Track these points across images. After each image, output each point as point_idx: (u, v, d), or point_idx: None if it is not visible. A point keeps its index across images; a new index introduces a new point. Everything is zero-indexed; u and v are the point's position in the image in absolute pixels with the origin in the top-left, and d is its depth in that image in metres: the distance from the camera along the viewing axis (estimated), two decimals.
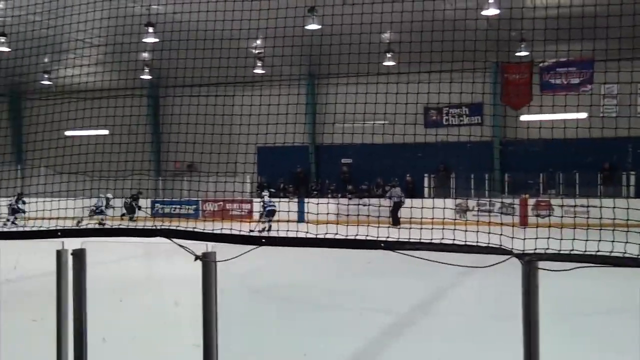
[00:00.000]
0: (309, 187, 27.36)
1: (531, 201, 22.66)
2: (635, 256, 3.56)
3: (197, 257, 3.99)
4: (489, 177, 24.35)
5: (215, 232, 4.56)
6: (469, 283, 10.77)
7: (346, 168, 27.15)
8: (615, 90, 22.20)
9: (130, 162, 7.90)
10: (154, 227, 4.57)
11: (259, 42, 15.71)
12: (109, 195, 24.04)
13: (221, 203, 24.72)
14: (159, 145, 26.90)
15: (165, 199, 25.58)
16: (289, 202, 23.71)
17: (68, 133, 13.12)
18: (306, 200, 24.06)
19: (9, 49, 17.77)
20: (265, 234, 19.36)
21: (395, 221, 21.71)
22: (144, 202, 25.10)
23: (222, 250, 4.10)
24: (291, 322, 8.45)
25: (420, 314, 9.06)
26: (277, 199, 23.54)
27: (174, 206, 25.13)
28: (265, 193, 22.83)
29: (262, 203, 21.99)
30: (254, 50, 19.33)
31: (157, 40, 16.95)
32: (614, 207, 5.97)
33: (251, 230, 15.38)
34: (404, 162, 23.67)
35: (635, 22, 6.09)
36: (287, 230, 5.13)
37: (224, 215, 23.10)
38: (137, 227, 5.03)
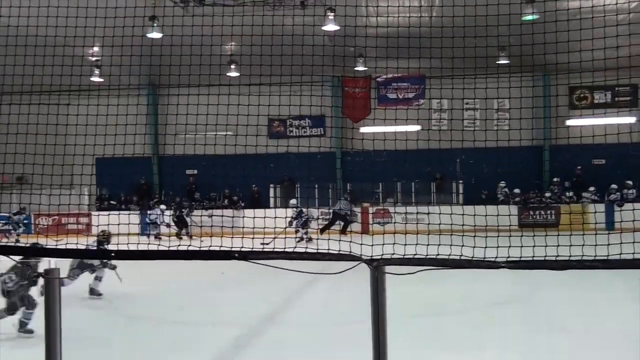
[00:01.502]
0: (152, 199, 26.59)
1: (371, 209, 23.62)
2: (470, 258, 3.86)
3: (39, 275, 3.74)
4: (332, 187, 25.09)
5: (60, 247, 4.30)
6: (316, 291, 10.99)
7: (192, 179, 26.75)
8: (446, 105, 23.85)
9: None
10: None
11: (96, 49, 15.06)
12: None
13: (56, 217, 23.32)
14: None
15: None
16: (129, 214, 22.85)
17: None
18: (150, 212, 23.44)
19: None
20: (304, 244, 18.61)
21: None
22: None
23: (66, 266, 3.88)
24: (139, 339, 8.17)
25: (269, 324, 9.12)
26: (122, 212, 22.61)
27: (1, 222, 23.23)
28: (293, 202, 21.77)
29: (294, 213, 20.78)
30: (90, 58, 18.49)
31: None
32: (453, 214, 6.36)
33: (264, 244, 14.50)
34: (249, 173, 23.73)
35: (465, 43, 6.60)
36: (138, 244, 4.94)
37: (59, 230, 21.83)
38: None
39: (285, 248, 4.08)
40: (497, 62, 17.90)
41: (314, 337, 8.06)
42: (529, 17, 13.32)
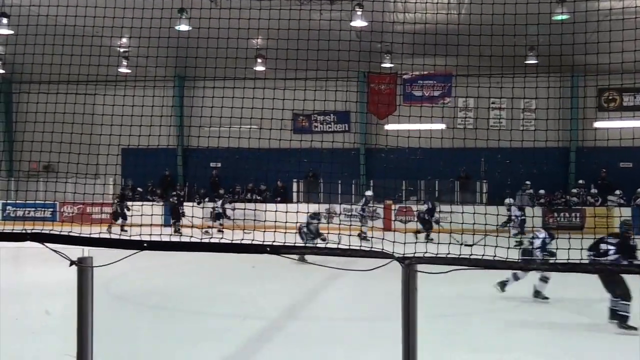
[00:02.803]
0: (176, 191, 26.75)
1: (394, 207, 23.51)
2: (504, 259, 3.80)
3: (72, 263, 3.76)
4: (356, 183, 25.01)
5: (93, 236, 4.32)
6: (341, 287, 10.98)
7: (215, 171, 26.86)
8: (472, 103, 23.64)
9: None
10: (24, 231, 4.23)
11: (124, 40, 15.19)
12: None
13: (81, 206, 23.59)
14: (11, 144, 25.27)
15: (18, 201, 23.94)
16: (152, 205, 23.01)
17: None
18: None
19: None
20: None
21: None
22: None
23: (98, 255, 3.89)
24: (167, 330, 8.24)
25: (294, 318, 9.13)
26: (142, 203, 22.80)
27: (28, 209, 23.55)
28: (509, 201, 19.98)
29: (509, 213, 18.55)
30: (119, 49, 18.64)
31: (11, 32, 15.93)
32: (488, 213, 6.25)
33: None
34: (273, 167, 23.73)
35: (492, 42, 6.53)
36: (170, 235, 4.96)
37: (83, 218, 22.05)
38: (5, 230, 4.63)
39: (317, 244, 4.04)
40: (525, 61, 17.72)
41: (338, 333, 8.06)
42: (559, 17, 13.12)
